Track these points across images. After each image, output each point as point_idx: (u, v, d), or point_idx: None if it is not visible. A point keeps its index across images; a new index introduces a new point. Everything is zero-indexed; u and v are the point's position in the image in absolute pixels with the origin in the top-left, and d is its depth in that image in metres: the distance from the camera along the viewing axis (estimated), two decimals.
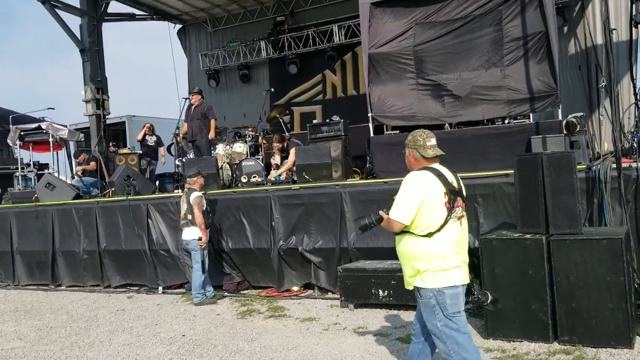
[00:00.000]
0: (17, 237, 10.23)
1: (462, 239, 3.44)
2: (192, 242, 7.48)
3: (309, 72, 14.85)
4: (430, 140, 3.52)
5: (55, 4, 13.32)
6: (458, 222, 3.40)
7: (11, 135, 12.62)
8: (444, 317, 3.35)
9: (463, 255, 3.44)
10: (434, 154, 3.49)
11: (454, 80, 7.79)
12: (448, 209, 3.34)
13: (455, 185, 3.44)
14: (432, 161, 3.50)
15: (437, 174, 3.40)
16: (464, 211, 3.47)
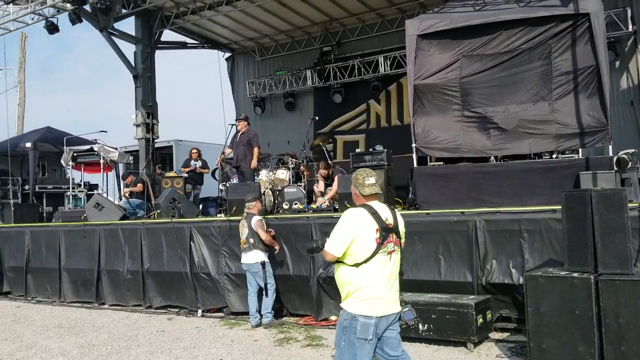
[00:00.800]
0: (65, 255, 10.53)
1: (391, 273, 3.64)
2: (254, 265, 7.59)
3: (353, 101, 14.98)
4: (369, 179, 3.74)
5: (112, 32, 13.90)
6: (388, 256, 3.62)
7: (65, 156, 13.13)
8: (349, 339, 3.59)
9: (388, 288, 3.63)
10: (370, 192, 3.72)
11: (501, 113, 7.72)
12: (378, 243, 3.57)
13: (389, 223, 3.67)
14: (370, 199, 3.73)
15: (372, 211, 3.63)
16: (396, 246, 3.70)
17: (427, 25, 8.08)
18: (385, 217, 3.67)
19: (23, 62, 22.83)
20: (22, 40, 22.59)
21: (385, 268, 3.60)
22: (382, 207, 3.72)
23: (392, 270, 3.65)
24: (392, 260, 3.65)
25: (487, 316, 6.26)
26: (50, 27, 12.09)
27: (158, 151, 15.45)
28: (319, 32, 15.74)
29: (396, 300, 3.68)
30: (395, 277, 3.69)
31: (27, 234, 11.18)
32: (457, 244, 6.84)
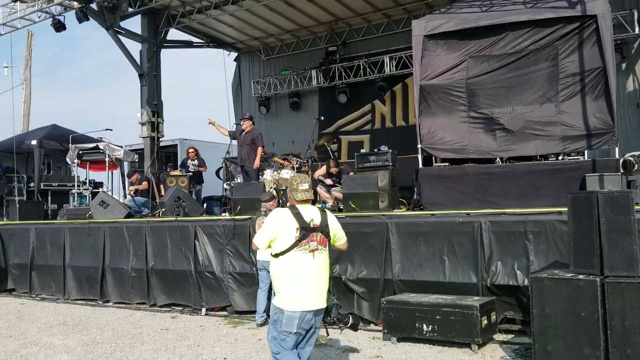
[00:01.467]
0: (69, 253, 10.56)
1: (314, 271, 3.87)
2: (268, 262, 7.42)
3: (358, 101, 14.98)
4: (302, 185, 4.05)
5: (118, 30, 13.94)
6: (310, 254, 3.87)
7: (70, 153, 13.17)
8: (277, 332, 3.90)
9: (313, 284, 3.87)
10: (302, 197, 4.02)
11: (507, 114, 7.70)
12: (296, 239, 3.86)
13: (314, 223, 3.93)
14: (301, 203, 4.04)
15: (295, 212, 3.95)
16: (320, 245, 3.93)
17: (433, 25, 8.07)
18: (310, 217, 3.94)
19: (29, 59, 22.89)
20: (28, 38, 22.66)
21: (307, 265, 3.85)
22: (309, 209, 4.02)
23: (317, 267, 3.88)
24: (315, 258, 3.87)
25: (492, 318, 6.25)
26: (57, 25, 12.13)
27: (163, 150, 15.48)
28: (324, 32, 15.74)
29: (322, 298, 3.92)
30: (321, 275, 3.93)
31: (32, 231, 11.20)
32: (462, 245, 6.83)
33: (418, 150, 8.22)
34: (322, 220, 3.99)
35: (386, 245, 7.32)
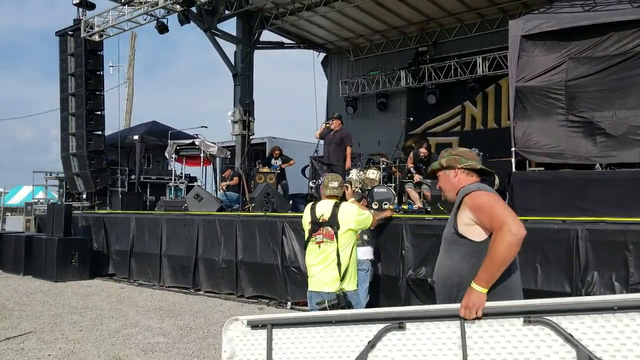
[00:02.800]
0: (165, 242, 11.17)
1: (320, 259, 4.49)
2: (364, 262, 7.22)
3: (447, 102, 14.78)
4: (332, 183, 4.73)
5: (215, 32, 14.57)
6: (317, 245, 4.52)
7: (169, 149, 13.95)
8: None
9: (319, 270, 4.50)
10: (328, 193, 4.72)
11: (609, 118, 7.33)
12: (309, 232, 4.60)
13: (324, 218, 4.51)
14: (328, 197, 4.72)
15: (312, 207, 4.67)
16: (326, 238, 4.48)
17: (532, 25, 7.82)
18: (322, 212, 4.54)
19: (132, 59, 24.40)
20: (132, 39, 24.16)
21: (314, 254, 4.52)
22: (325, 204, 4.61)
23: (322, 257, 4.47)
24: (320, 249, 4.49)
25: None
26: (160, 27, 12.86)
27: (253, 147, 16.02)
28: (414, 32, 15.66)
29: (327, 283, 4.42)
30: (327, 263, 4.46)
31: (132, 220, 11.94)
32: (556, 253, 6.59)
33: (511, 153, 7.99)
34: (332, 215, 4.49)
35: None
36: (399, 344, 2.82)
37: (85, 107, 13.92)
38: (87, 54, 14.04)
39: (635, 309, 2.40)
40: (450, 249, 3.08)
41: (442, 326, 2.75)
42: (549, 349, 2.52)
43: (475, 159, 3.27)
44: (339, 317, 3.01)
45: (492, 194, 3.01)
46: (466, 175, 3.22)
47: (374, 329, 2.88)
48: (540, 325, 2.55)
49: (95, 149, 14.07)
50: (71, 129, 14.39)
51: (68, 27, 14.51)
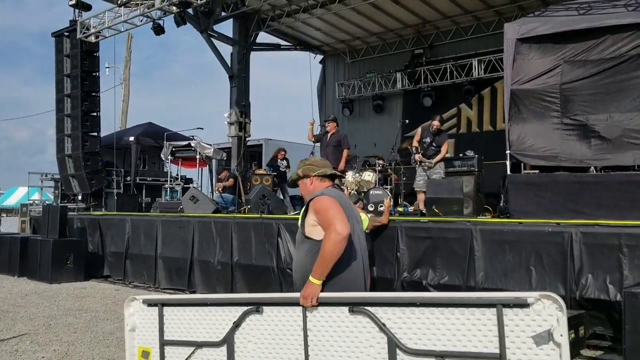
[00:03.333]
0: (161, 244, 11.13)
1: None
2: None
3: (443, 105, 14.82)
4: None
5: (212, 34, 14.57)
6: None
7: (164, 150, 13.93)
8: None
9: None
10: None
11: (604, 121, 7.36)
12: None
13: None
14: None
15: None
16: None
17: (527, 28, 7.85)
18: None
19: (128, 60, 24.40)
20: (128, 40, 24.14)
21: None
22: None
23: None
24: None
25: (580, 332, 6.00)
26: (157, 29, 12.85)
27: (249, 149, 16.03)
28: (411, 35, 15.71)
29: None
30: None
31: (127, 222, 11.90)
32: (550, 255, 6.61)
33: (506, 156, 8.02)
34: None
35: (470, 252, 7.21)
36: (258, 324, 3.38)
37: (81, 108, 13.89)
38: (83, 55, 14.01)
39: (432, 305, 2.89)
40: (299, 247, 3.55)
41: (289, 311, 3.27)
42: (368, 335, 3.02)
43: (327, 166, 3.71)
44: (212, 300, 3.64)
45: (330, 198, 3.35)
46: (320, 181, 3.65)
47: (239, 311, 3.43)
48: (361, 315, 3.04)
49: (91, 150, 14.04)
50: (67, 130, 14.36)
51: (64, 28, 14.48)
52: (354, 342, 3.05)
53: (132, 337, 3.92)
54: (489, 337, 2.75)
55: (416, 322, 2.92)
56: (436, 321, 2.87)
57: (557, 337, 2.60)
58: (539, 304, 2.68)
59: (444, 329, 2.85)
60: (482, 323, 2.77)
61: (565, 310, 2.62)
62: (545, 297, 2.67)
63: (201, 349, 3.57)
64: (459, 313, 2.83)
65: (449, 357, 2.83)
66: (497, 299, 2.79)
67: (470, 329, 2.80)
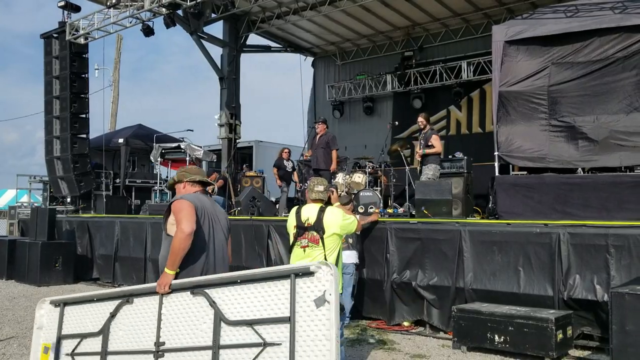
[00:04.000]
0: (150, 246, 11.08)
1: None
2: (349, 266, 7.24)
3: (433, 107, 14.86)
4: (318, 186, 4.70)
5: (202, 35, 14.54)
6: (302, 250, 4.51)
7: (154, 152, 13.87)
8: None
9: None
10: (313, 197, 4.67)
11: (591, 123, 7.43)
12: (294, 237, 4.58)
13: (309, 222, 4.49)
14: (313, 201, 4.67)
15: (297, 211, 4.65)
16: (311, 243, 4.47)
17: (515, 31, 7.92)
18: (307, 217, 4.52)
19: (118, 62, 24.29)
20: (117, 41, 24.05)
21: (299, 258, 4.48)
22: (311, 209, 4.59)
23: (307, 261, 4.28)
24: (305, 253, 4.48)
25: (568, 332, 6.06)
26: (146, 30, 12.81)
27: (239, 151, 15.99)
28: (401, 37, 15.76)
29: None
30: None
31: (117, 224, 11.85)
32: (538, 256, 6.65)
33: (494, 157, 8.08)
34: (317, 220, 4.48)
35: (459, 253, 7.24)
36: (129, 313, 3.88)
37: (70, 110, 13.81)
38: (72, 57, 13.94)
39: (249, 282, 3.41)
40: (163, 243, 4.11)
41: (152, 300, 3.79)
42: (204, 312, 3.53)
43: (199, 174, 4.22)
44: (98, 296, 4.13)
45: (186, 202, 3.88)
46: (191, 186, 4.15)
47: (115, 303, 3.94)
48: (200, 296, 3.56)
49: (80, 152, 13.96)
50: (55, 132, 14.27)
51: (53, 29, 14.40)
52: (193, 320, 3.56)
53: (39, 335, 4.37)
54: (285, 304, 3.24)
55: (237, 297, 3.43)
56: (250, 295, 3.39)
57: (327, 297, 3.13)
58: (319, 271, 3.20)
59: (255, 301, 3.36)
60: (282, 292, 3.27)
61: (336, 275, 3.19)
62: (324, 264, 3.24)
63: (85, 339, 4.04)
64: (267, 286, 3.34)
65: (256, 324, 3.31)
66: (290, 270, 3.32)
67: (273, 298, 3.30)
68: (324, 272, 3.17)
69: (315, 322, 3.14)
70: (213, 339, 3.41)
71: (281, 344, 3.18)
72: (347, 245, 7.50)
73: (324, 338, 3.08)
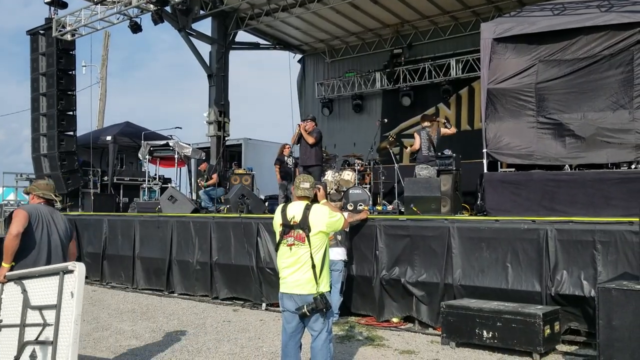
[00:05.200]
0: (139, 244, 11.04)
1: (291, 261, 4.43)
2: (338, 262, 7.52)
3: (422, 104, 14.92)
4: (304, 183, 4.65)
5: (190, 32, 14.47)
6: (288, 248, 4.45)
7: (142, 150, 13.79)
8: None
9: (290, 272, 4.44)
10: (300, 194, 4.62)
11: (578, 120, 7.48)
12: (280, 235, 4.51)
13: (295, 220, 4.45)
14: (299, 199, 4.63)
15: (283, 208, 4.60)
16: (297, 241, 4.42)
17: (503, 28, 7.95)
18: (293, 215, 4.48)
19: (106, 59, 24.09)
20: (105, 38, 23.84)
21: (285, 256, 4.47)
22: (297, 206, 4.54)
23: (293, 259, 4.42)
24: (292, 251, 4.43)
25: (555, 327, 6.11)
26: (134, 27, 12.72)
27: (228, 149, 15.94)
28: (390, 35, 15.78)
29: (300, 285, 4.39)
30: (299, 265, 4.40)
31: (105, 222, 11.78)
32: (526, 252, 6.71)
33: (483, 155, 8.12)
34: (303, 218, 4.44)
35: (447, 250, 7.27)
36: None
37: (57, 107, 13.68)
38: (59, 54, 13.80)
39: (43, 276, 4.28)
40: None
41: None
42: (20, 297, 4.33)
43: (46, 189, 5.00)
44: None
45: (21, 211, 4.76)
46: (37, 198, 4.98)
47: None
48: (18, 285, 4.37)
49: (67, 150, 13.83)
50: (42, 130, 14.13)
51: (39, 26, 14.24)
52: (17, 303, 4.33)
53: None
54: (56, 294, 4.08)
55: (38, 288, 4.28)
56: (43, 286, 4.24)
57: (73, 290, 4.00)
58: (76, 270, 4.04)
59: (45, 291, 4.20)
60: (56, 285, 4.07)
61: (83, 274, 4.08)
62: (78, 265, 4.09)
63: None
64: (50, 280, 4.18)
65: (43, 309, 4.15)
66: (60, 268, 4.15)
67: (53, 289, 4.10)
68: (77, 271, 4.06)
69: (70, 309, 3.99)
70: (21, 319, 4.26)
71: (52, 325, 4.03)
72: (336, 242, 7.53)
73: (72, 321, 3.96)
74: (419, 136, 9.80)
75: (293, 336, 4.53)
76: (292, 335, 4.52)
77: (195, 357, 6.11)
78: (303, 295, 4.38)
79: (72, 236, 5.14)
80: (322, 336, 4.44)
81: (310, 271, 4.38)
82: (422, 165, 9.44)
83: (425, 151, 9.67)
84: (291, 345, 4.54)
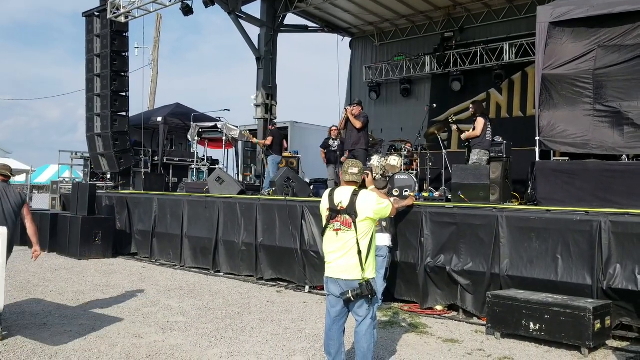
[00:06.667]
0: (187, 223, 11.29)
1: (338, 247, 4.44)
2: (383, 248, 7.48)
3: (472, 89, 14.58)
4: (352, 169, 4.63)
5: (239, 15, 14.54)
6: (334, 233, 4.46)
7: (191, 131, 14.04)
8: None
9: (336, 257, 4.45)
10: (347, 179, 4.62)
11: (637, 108, 7.14)
12: (327, 219, 4.52)
13: (342, 205, 4.43)
14: (346, 184, 4.62)
15: (330, 193, 4.59)
16: (344, 226, 4.41)
17: (561, 12, 7.64)
18: (340, 200, 4.46)
19: (157, 41, 24.52)
20: (157, 20, 24.26)
21: (332, 241, 4.48)
22: (344, 191, 4.52)
23: (339, 244, 4.42)
24: (338, 236, 4.44)
25: (606, 322, 5.93)
26: (185, 9, 12.89)
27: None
28: (441, 17, 15.45)
29: (346, 271, 4.38)
30: (345, 251, 4.39)
31: (155, 201, 12.09)
32: (577, 244, 6.50)
33: (535, 142, 7.86)
34: (350, 203, 4.41)
35: (495, 239, 7.13)
36: None
37: (110, 88, 14.06)
38: (113, 35, 14.14)
39: None
40: None
41: None
42: None
43: (2, 169, 6.39)
44: None
45: None
46: None
47: None
48: None
49: (120, 130, 14.23)
50: (96, 110, 14.56)
51: (95, 7, 14.62)
52: None
53: None
54: None
55: None
56: None
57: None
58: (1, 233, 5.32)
59: None
60: None
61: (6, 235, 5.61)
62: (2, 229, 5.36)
63: None
64: None
65: None
66: None
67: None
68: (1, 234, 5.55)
69: None
70: None
71: None
72: (381, 228, 7.49)
73: None
74: (484, 121, 9.33)
75: (337, 320, 4.53)
76: (336, 319, 4.53)
77: (239, 335, 6.22)
78: (348, 280, 4.36)
79: (24, 204, 6.33)
80: (367, 322, 4.44)
81: (357, 257, 4.35)
82: (484, 151, 9.14)
83: (490, 136, 9.36)
84: (335, 329, 4.55)
